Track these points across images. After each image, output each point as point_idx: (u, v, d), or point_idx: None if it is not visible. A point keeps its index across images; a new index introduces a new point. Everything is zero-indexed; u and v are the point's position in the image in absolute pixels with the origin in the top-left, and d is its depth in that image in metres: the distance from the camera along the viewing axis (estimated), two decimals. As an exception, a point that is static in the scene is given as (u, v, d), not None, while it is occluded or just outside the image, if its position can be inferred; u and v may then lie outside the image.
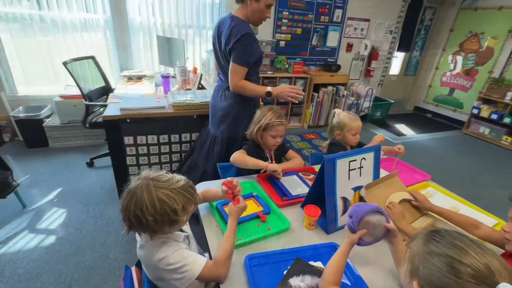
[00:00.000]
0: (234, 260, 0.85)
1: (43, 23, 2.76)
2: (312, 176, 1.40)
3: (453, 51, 4.67)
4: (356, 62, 4.42)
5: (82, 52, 2.93)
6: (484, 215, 1.19)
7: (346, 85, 4.17)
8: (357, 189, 1.09)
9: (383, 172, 1.32)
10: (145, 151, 1.96)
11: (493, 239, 0.93)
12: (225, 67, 1.60)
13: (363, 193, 1.07)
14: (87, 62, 2.64)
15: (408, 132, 4.28)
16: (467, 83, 4.54)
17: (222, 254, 0.82)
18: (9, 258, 1.61)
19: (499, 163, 3.44)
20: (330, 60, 4.19)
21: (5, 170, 1.85)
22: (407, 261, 0.64)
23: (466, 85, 4.56)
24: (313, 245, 0.95)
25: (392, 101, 4.63)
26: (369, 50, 4.31)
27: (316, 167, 1.50)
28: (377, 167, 1.15)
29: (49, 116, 2.92)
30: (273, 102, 3.79)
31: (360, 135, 1.54)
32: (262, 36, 3.48)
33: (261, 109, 1.45)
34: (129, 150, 1.92)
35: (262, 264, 0.87)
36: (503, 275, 0.51)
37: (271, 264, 0.88)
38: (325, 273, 0.75)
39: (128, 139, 1.88)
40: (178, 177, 0.80)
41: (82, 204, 2.09)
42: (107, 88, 2.77)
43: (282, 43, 3.75)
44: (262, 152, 1.46)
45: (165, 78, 2.30)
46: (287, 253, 0.91)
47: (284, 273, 0.83)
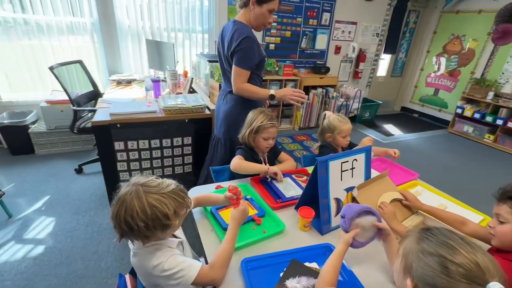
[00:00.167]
0: (230, 264, 0.85)
1: (27, 26, 2.69)
2: (305, 178, 1.42)
3: (436, 52, 4.83)
4: (344, 64, 4.50)
5: (68, 56, 2.87)
6: (470, 211, 1.24)
7: (335, 87, 4.24)
8: (350, 189, 1.11)
9: (374, 173, 1.35)
10: (136, 156, 1.93)
11: (479, 235, 0.97)
12: (227, 71, 1.62)
13: (355, 193, 1.09)
14: (74, 66, 2.59)
15: (396, 132, 4.38)
16: (450, 83, 4.70)
17: (218, 258, 0.82)
18: (-5, 270, 1.56)
19: (482, 160, 3.57)
20: (319, 62, 4.25)
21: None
22: (400, 258, 0.65)
23: (450, 86, 4.71)
24: (308, 246, 0.97)
25: (380, 102, 4.74)
26: (356, 53, 4.39)
27: (309, 168, 1.52)
28: (368, 167, 1.18)
29: (34, 122, 2.84)
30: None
31: (350, 135, 1.58)
32: (252, 39, 3.50)
33: (252, 112, 1.46)
34: (120, 155, 1.89)
35: (259, 267, 0.88)
36: (492, 273, 0.53)
37: (268, 266, 0.88)
38: (321, 273, 0.77)
39: (119, 144, 1.85)
40: (168, 181, 0.80)
41: (72, 212, 2.04)
42: (95, 92, 2.72)
43: (271, 46, 3.78)
44: (256, 155, 1.47)
45: (156, 82, 2.28)
46: (282, 255, 0.92)
47: (280, 275, 0.84)
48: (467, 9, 4.35)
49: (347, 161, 1.09)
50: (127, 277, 0.92)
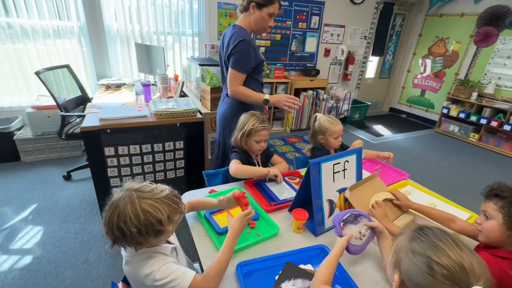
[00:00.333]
0: (225, 268, 0.85)
1: (11, 30, 2.62)
2: (298, 180, 1.43)
3: (422, 54, 4.97)
4: (334, 67, 4.57)
5: (55, 60, 2.81)
6: (458, 209, 1.27)
7: (325, 89, 4.30)
8: (342, 190, 1.13)
9: (366, 174, 1.37)
10: (127, 162, 1.90)
11: (468, 232, 1.00)
12: (226, 75, 1.64)
13: (347, 194, 1.11)
14: (62, 71, 2.54)
15: (385, 132, 4.47)
16: (436, 84, 4.84)
17: (213, 267, 0.80)
18: (-20, 283, 1.50)
19: (468, 158, 3.68)
20: (309, 65, 4.30)
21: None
22: (392, 253, 0.68)
23: (436, 87, 4.85)
24: (302, 248, 0.97)
25: (369, 103, 4.82)
26: (345, 55, 4.47)
27: (301, 170, 1.53)
28: (359, 169, 1.20)
29: (20, 129, 2.76)
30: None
31: (341, 137, 1.60)
32: (242, 42, 3.52)
33: (243, 115, 1.47)
34: (110, 161, 1.86)
35: (254, 270, 0.88)
36: (477, 276, 0.54)
37: (263, 270, 0.88)
38: (317, 273, 0.78)
39: (109, 149, 1.82)
40: (162, 187, 0.79)
41: (60, 220, 1.99)
42: (83, 97, 2.67)
43: (262, 49, 3.81)
44: (250, 158, 1.47)
45: (146, 86, 2.25)
46: (277, 258, 0.92)
47: (276, 278, 0.84)
48: (450, 12, 4.50)
49: (339, 163, 1.11)
50: (120, 285, 0.91)
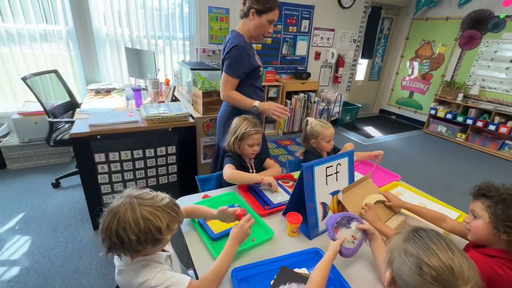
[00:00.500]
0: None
1: (-4, 34, 2.56)
2: (292, 183, 1.44)
3: (410, 57, 5.09)
4: (324, 70, 4.63)
5: (42, 65, 2.75)
6: (447, 208, 1.30)
7: (316, 91, 4.35)
8: (335, 193, 1.14)
9: (359, 175, 1.39)
10: (118, 168, 1.87)
11: (457, 231, 1.02)
12: None
13: (340, 197, 1.12)
14: (49, 76, 2.48)
15: (376, 134, 4.54)
16: (424, 86, 4.96)
17: (209, 274, 0.80)
18: (-36, 297, 1.44)
19: (456, 158, 3.77)
20: (300, 68, 4.35)
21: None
22: (386, 252, 0.70)
23: (423, 88, 4.97)
24: (297, 252, 0.98)
25: (360, 105, 4.90)
26: (335, 58, 4.54)
27: (294, 173, 1.54)
28: (351, 171, 1.22)
29: (6, 135, 2.68)
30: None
31: (333, 139, 1.61)
32: (233, 46, 3.53)
33: (236, 120, 1.47)
34: (101, 167, 1.82)
35: (249, 276, 0.88)
36: (466, 280, 0.55)
37: (258, 275, 0.88)
38: (311, 277, 0.78)
39: (99, 156, 1.79)
40: (162, 195, 0.79)
41: (49, 229, 1.94)
42: (72, 103, 2.62)
43: (253, 53, 3.82)
44: (243, 161, 1.47)
45: (137, 91, 2.23)
46: (272, 262, 0.92)
47: (271, 283, 0.84)
48: (435, 16, 4.63)
49: (331, 166, 1.12)
50: (113, 295, 0.89)
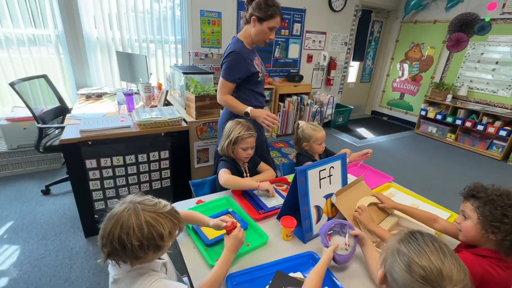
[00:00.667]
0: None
1: (-18, 39, 2.51)
2: (286, 187, 1.44)
3: (400, 59, 5.18)
4: (317, 72, 4.67)
5: (31, 69, 2.70)
6: (439, 209, 1.32)
7: (309, 94, 4.38)
8: (328, 196, 1.15)
9: (352, 178, 1.40)
10: (110, 174, 1.84)
11: (449, 231, 1.04)
12: None
13: (334, 200, 1.12)
14: (38, 81, 2.44)
15: (368, 135, 4.60)
16: (414, 87, 5.05)
17: (205, 283, 0.80)
18: (-51, 310, 1.39)
19: (446, 158, 3.84)
20: (292, 71, 4.37)
21: None
22: (382, 251, 0.72)
23: (414, 90, 5.06)
24: (291, 256, 0.98)
25: (352, 107, 4.96)
26: (327, 61, 4.58)
27: (288, 177, 1.54)
28: (344, 174, 1.23)
29: (-7, 142, 2.62)
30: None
31: (326, 140, 1.63)
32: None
33: (229, 124, 1.47)
34: (92, 174, 1.79)
35: (244, 281, 0.87)
36: (455, 282, 0.57)
37: (253, 280, 0.88)
38: (306, 282, 0.78)
39: (90, 162, 1.76)
40: (164, 202, 0.79)
41: (39, 238, 1.89)
42: (62, 108, 2.57)
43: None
44: (238, 165, 1.47)
45: (129, 95, 2.20)
46: (267, 267, 0.92)
47: (266, 288, 0.84)
48: (424, 19, 4.73)
49: (325, 169, 1.13)
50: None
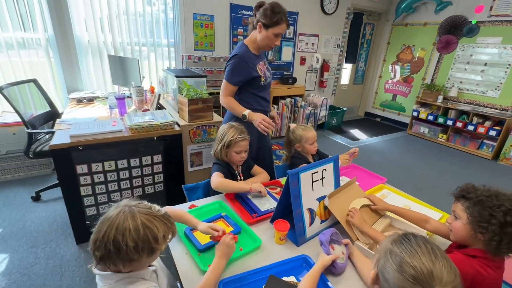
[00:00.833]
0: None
1: (-31, 43, 2.46)
2: (279, 190, 1.44)
3: (392, 61, 5.25)
4: (310, 74, 4.70)
5: (20, 73, 2.65)
6: (430, 209, 1.34)
7: (303, 96, 4.40)
8: (321, 199, 1.15)
9: (345, 180, 1.40)
10: (102, 179, 1.82)
11: (441, 232, 1.05)
12: None
13: (326, 202, 1.12)
14: (28, 85, 2.40)
15: (361, 136, 4.64)
16: (406, 89, 5.12)
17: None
18: None
19: (438, 158, 3.89)
20: (286, 73, 4.39)
21: None
22: (375, 252, 0.73)
23: (405, 91, 5.13)
24: (285, 260, 0.97)
25: (345, 108, 5.00)
26: (320, 63, 4.62)
27: (282, 179, 1.54)
28: (337, 176, 1.23)
29: (-19, 148, 2.56)
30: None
31: (320, 142, 1.64)
32: (219, 52, 3.54)
33: (222, 127, 1.47)
34: (83, 179, 1.76)
35: (237, 287, 0.86)
36: (444, 284, 0.58)
37: (246, 285, 0.87)
38: (299, 286, 0.78)
39: (81, 167, 1.73)
40: (157, 207, 0.79)
41: (29, 245, 1.85)
42: (53, 112, 2.53)
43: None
44: (231, 169, 1.47)
45: (120, 99, 2.18)
46: (260, 272, 0.91)
47: (259, 293, 0.83)
48: (414, 22, 4.81)
49: (317, 172, 1.13)
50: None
